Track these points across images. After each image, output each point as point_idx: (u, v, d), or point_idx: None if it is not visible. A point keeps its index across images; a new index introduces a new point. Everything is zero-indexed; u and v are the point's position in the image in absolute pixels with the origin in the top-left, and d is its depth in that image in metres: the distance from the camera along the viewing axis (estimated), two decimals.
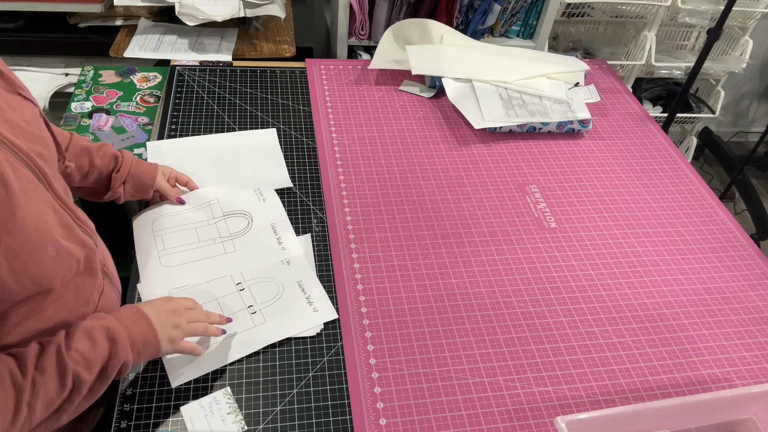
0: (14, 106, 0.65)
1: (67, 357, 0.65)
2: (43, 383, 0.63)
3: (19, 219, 0.58)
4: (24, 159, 0.62)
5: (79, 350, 0.67)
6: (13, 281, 0.59)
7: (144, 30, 1.66)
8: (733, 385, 0.94)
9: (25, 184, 0.60)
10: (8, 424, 0.61)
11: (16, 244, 0.57)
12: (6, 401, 0.61)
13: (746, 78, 2.78)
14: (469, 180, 1.24)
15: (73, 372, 0.65)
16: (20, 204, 0.58)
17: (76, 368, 0.66)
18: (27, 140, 0.64)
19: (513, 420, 0.85)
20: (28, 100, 0.69)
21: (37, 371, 0.63)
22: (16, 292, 0.60)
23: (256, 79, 1.43)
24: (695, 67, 1.70)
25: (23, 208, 0.58)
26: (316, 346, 0.91)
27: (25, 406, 0.62)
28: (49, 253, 0.63)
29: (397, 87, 1.47)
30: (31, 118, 0.67)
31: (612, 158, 1.35)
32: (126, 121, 1.35)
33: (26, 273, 0.60)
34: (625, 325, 1.00)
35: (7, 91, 0.66)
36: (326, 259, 1.04)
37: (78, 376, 0.66)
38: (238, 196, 1.10)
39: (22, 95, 0.68)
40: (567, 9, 2.07)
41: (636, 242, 1.15)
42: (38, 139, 0.67)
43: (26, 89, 0.70)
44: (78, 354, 0.66)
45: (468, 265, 1.06)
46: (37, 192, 0.63)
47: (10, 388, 0.61)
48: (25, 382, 0.62)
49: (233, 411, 0.82)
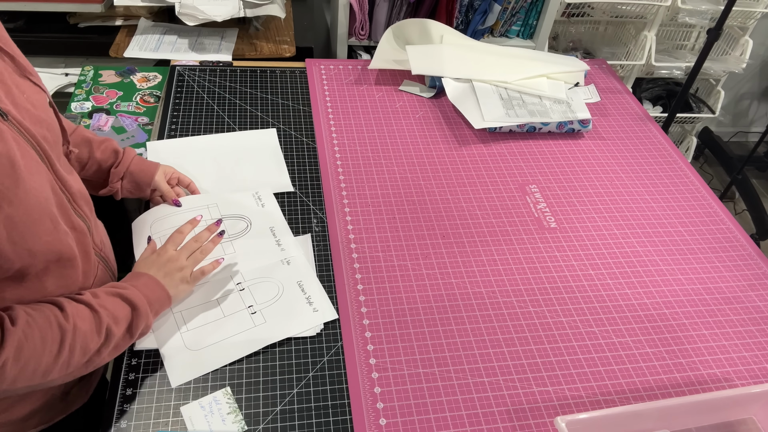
0: (23, 89, 0.69)
1: (100, 310, 0.72)
2: (82, 330, 0.69)
3: (21, 192, 0.61)
4: (29, 139, 0.66)
5: (108, 307, 0.73)
6: (11, 250, 0.61)
7: (144, 30, 1.66)
8: (733, 385, 0.94)
9: (29, 161, 0.64)
10: (52, 360, 0.66)
11: (17, 215, 0.61)
12: (53, 339, 0.66)
13: (746, 78, 2.78)
14: (469, 180, 1.24)
15: (106, 325, 0.72)
16: (24, 178, 0.61)
17: (108, 322, 0.72)
18: (33, 123, 0.67)
19: (513, 420, 0.85)
20: (37, 86, 0.72)
21: (77, 318, 0.69)
22: (13, 261, 0.63)
23: (256, 79, 1.43)
24: (695, 67, 1.70)
25: (26, 182, 0.62)
26: (316, 346, 0.91)
27: (67, 347, 0.67)
28: (47, 227, 0.66)
29: (397, 87, 1.47)
30: (39, 103, 0.71)
31: (612, 158, 1.35)
32: (126, 121, 1.35)
33: (23, 243, 0.63)
34: (625, 325, 1.00)
35: (18, 75, 0.70)
36: (326, 259, 1.04)
37: (110, 329, 0.72)
38: (236, 201, 1.10)
39: (31, 80, 0.72)
40: (567, 9, 2.07)
41: (636, 242, 1.15)
42: (44, 122, 0.70)
43: (37, 75, 0.73)
44: (107, 310, 0.73)
45: (468, 265, 1.06)
46: (39, 170, 0.66)
47: (56, 328, 0.67)
48: (68, 324, 0.68)
49: (233, 411, 0.82)
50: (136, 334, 0.77)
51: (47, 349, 0.65)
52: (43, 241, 0.66)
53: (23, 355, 0.63)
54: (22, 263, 0.64)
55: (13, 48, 0.70)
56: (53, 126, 0.73)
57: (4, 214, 0.59)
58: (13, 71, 0.69)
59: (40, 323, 0.66)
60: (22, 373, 0.64)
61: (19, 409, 0.77)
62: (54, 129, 0.73)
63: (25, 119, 0.66)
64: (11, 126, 0.63)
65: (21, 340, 0.63)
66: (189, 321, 0.90)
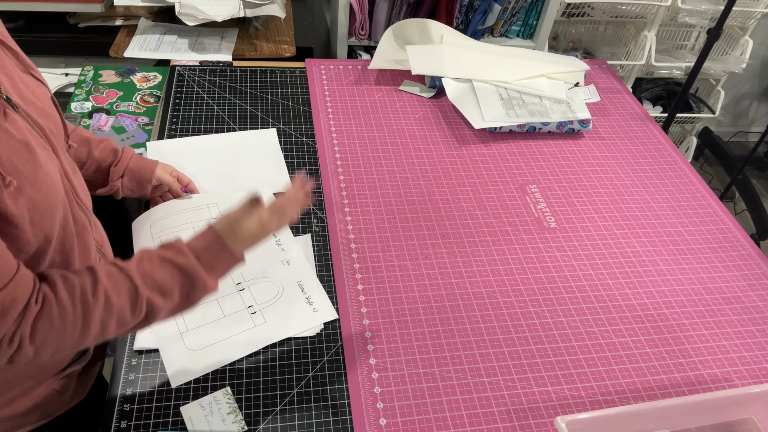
0: (27, 84, 0.70)
1: (142, 285, 0.67)
2: (118, 305, 0.66)
3: (41, 176, 0.63)
4: (38, 130, 0.68)
5: (156, 279, 0.68)
6: (31, 233, 0.62)
7: (144, 30, 1.66)
8: (733, 385, 0.94)
9: (41, 150, 0.66)
10: (78, 337, 0.64)
11: (38, 198, 0.62)
12: (75, 318, 0.63)
13: (746, 78, 2.78)
14: (469, 180, 1.24)
15: (147, 299, 0.67)
16: (41, 164, 0.64)
17: (150, 296, 0.67)
18: (39, 115, 0.69)
19: (513, 420, 0.85)
20: (39, 80, 0.74)
21: (111, 291, 0.65)
22: (32, 244, 0.63)
23: (256, 79, 1.43)
24: (695, 67, 1.70)
25: (43, 168, 0.64)
26: (316, 346, 0.91)
27: (97, 322, 0.64)
28: (60, 213, 0.68)
29: (397, 87, 1.47)
30: (43, 97, 0.72)
31: (612, 158, 1.35)
32: (126, 121, 1.35)
33: (42, 227, 0.64)
34: (625, 325, 1.00)
35: (21, 71, 0.71)
36: (326, 259, 1.04)
37: (151, 303, 0.68)
38: (236, 200, 1.10)
39: (33, 75, 0.73)
40: (567, 9, 2.07)
41: (636, 242, 1.15)
42: (48, 115, 0.72)
43: (37, 70, 0.75)
44: (153, 281, 0.68)
45: (468, 265, 1.06)
46: (51, 159, 0.68)
47: (79, 305, 0.64)
48: (96, 300, 0.64)
49: (233, 411, 0.82)
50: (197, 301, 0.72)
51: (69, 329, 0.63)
52: (56, 227, 0.67)
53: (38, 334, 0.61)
54: (38, 246, 0.65)
55: (13, 44, 0.72)
56: (56, 119, 0.75)
57: (27, 196, 0.61)
58: (16, 66, 0.70)
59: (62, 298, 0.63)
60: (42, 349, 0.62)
61: (19, 404, 0.78)
62: (57, 122, 0.75)
63: (32, 112, 0.68)
64: (22, 117, 0.65)
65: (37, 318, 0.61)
66: (189, 321, 0.90)
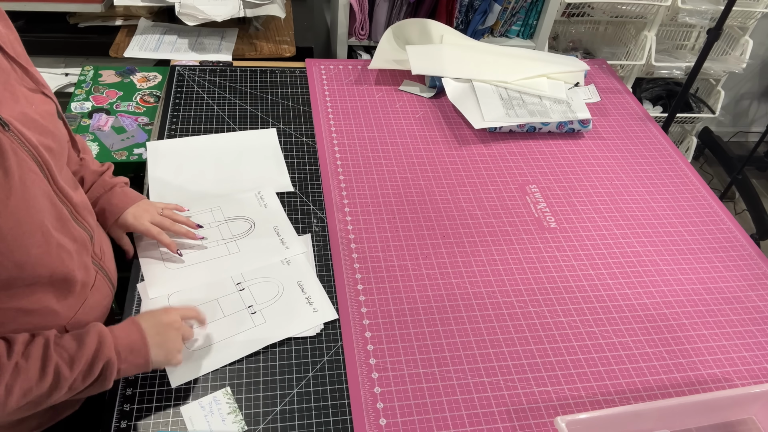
0: (32, 101, 0.70)
1: (53, 350, 0.68)
2: (25, 369, 0.66)
3: (12, 203, 0.61)
4: (30, 150, 0.66)
5: (66, 347, 0.70)
6: None
7: (144, 30, 1.66)
8: (733, 385, 0.94)
9: (26, 172, 0.64)
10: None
11: (5, 227, 0.60)
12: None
13: (746, 78, 2.78)
14: (469, 180, 1.24)
15: (55, 365, 0.68)
16: (16, 189, 0.62)
17: (59, 362, 0.68)
18: (38, 133, 0.68)
19: (513, 420, 0.85)
20: (48, 97, 0.74)
21: (23, 357, 0.66)
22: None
23: (256, 79, 1.43)
24: (695, 67, 1.70)
25: (18, 194, 0.62)
26: (316, 346, 0.91)
27: (3, 388, 0.64)
28: (37, 240, 0.65)
29: (397, 87, 1.47)
30: (47, 114, 0.72)
31: (612, 158, 1.35)
32: (126, 121, 1.35)
33: (10, 255, 0.62)
34: (625, 325, 1.00)
35: (30, 90, 0.71)
36: (326, 259, 1.04)
37: (59, 371, 0.68)
38: (239, 202, 1.10)
39: (44, 93, 0.73)
40: (567, 9, 2.07)
41: (636, 242, 1.15)
42: (49, 133, 0.71)
43: (49, 88, 0.74)
44: (64, 350, 0.69)
45: (468, 265, 1.06)
46: (36, 182, 0.66)
47: None
48: (9, 363, 0.65)
49: (233, 411, 0.82)
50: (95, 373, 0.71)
51: None
52: (32, 254, 0.65)
53: None
54: (8, 274, 0.64)
55: (27, 61, 0.71)
56: (59, 137, 0.73)
57: None
58: (24, 84, 0.70)
59: None
60: None
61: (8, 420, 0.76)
62: (60, 140, 0.73)
63: (29, 130, 0.66)
64: (12, 136, 0.63)
65: None
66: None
